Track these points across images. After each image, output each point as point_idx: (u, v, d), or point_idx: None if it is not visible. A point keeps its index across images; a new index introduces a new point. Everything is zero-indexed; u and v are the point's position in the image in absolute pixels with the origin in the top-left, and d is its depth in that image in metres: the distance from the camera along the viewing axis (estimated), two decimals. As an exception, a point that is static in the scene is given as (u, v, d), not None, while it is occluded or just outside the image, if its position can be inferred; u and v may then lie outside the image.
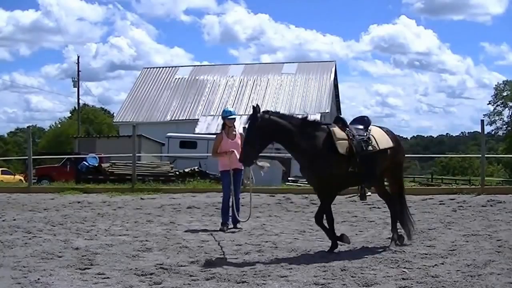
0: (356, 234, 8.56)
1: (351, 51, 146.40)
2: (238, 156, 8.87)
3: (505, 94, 59.88)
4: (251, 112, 7.10)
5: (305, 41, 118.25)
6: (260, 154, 7.38)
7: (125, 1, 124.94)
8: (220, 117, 10.79)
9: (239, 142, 9.21)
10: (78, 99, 52.21)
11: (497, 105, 60.86)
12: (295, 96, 38.86)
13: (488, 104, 63.05)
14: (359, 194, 8.00)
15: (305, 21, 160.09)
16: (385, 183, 7.95)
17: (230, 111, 9.84)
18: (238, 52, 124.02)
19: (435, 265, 6.24)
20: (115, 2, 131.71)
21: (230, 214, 9.54)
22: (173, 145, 25.12)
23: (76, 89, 50.91)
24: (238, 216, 9.47)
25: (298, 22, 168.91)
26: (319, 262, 6.47)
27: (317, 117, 34.16)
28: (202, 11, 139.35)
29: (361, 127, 7.38)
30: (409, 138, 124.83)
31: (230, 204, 9.50)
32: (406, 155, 9.50)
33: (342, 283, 5.57)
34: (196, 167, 19.68)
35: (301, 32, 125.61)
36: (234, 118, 9.78)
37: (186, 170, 19.24)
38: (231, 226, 9.46)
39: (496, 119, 61.09)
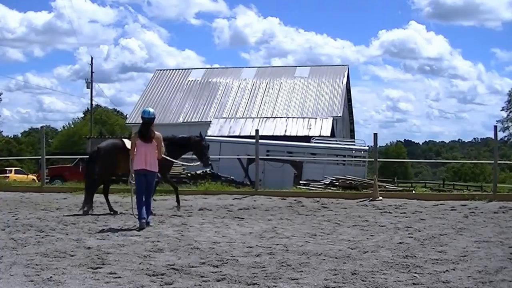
0: (367, 239, 8.55)
1: (362, 55, 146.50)
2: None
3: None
4: (263, 116, 7.17)
5: (315, 45, 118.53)
6: (272, 157, 7.42)
7: (136, 4, 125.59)
8: (230, 119, 10.75)
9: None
10: (91, 100, 52.67)
11: (510, 111, 60.48)
12: (308, 100, 38.77)
13: (501, 110, 62.70)
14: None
15: (315, 26, 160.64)
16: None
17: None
18: (249, 55, 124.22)
19: (446, 270, 6.23)
20: (126, 5, 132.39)
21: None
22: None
23: (88, 90, 51.39)
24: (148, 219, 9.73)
25: (308, 27, 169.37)
26: (330, 266, 6.49)
27: (329, 121, 34.33)
28: (214, 14, 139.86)
29: None
30: (421, 143, 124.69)
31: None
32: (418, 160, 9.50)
33: (353, 287, 5.58)
34: (208, 170, 19.70)
35: (312, 36, 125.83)
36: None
37: (198, 172, 19.28)
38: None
39: (509, 125, 60.74)
